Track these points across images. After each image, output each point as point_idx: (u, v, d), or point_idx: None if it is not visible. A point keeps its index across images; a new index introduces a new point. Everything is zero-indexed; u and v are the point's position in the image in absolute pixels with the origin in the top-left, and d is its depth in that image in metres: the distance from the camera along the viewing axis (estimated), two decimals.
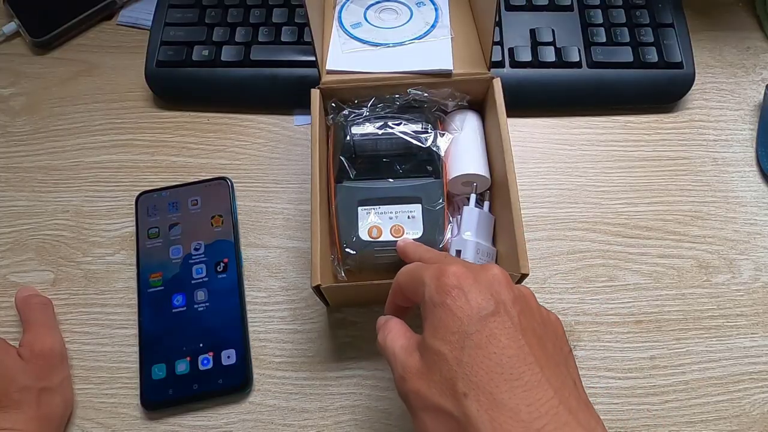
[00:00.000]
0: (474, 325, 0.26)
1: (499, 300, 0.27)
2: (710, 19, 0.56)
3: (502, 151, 0.40)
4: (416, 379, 0.27)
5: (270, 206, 0.48)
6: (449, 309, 0.27)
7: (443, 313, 0.27)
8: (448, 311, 0.26)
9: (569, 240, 0.47)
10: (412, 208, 0.42)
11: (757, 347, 0.43)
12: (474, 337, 0.26)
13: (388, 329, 0.31)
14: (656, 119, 0.52)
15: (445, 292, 0.27)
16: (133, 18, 0.57)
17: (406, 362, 0.28)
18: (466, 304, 0.26)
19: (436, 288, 0.28)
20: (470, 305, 0.26)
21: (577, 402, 0.25)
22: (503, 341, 0.25)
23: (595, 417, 0.26)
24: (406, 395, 0.28)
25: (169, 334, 0.43)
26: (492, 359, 0.25)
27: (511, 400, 0.24)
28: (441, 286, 0.27)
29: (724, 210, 0.48)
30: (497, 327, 0.26)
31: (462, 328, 0.26)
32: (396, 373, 0.28)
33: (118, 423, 0.41)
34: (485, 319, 0.26)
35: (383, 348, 0.30)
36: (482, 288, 0.27)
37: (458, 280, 0.27)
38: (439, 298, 0.27)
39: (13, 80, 0.54)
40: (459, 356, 0.25)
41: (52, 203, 0.49)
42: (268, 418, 0.41)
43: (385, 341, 0.30)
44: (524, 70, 0.51)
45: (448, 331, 0.26)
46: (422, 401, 0.27)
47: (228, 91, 0.51)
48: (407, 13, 0.49)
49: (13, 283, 0.46)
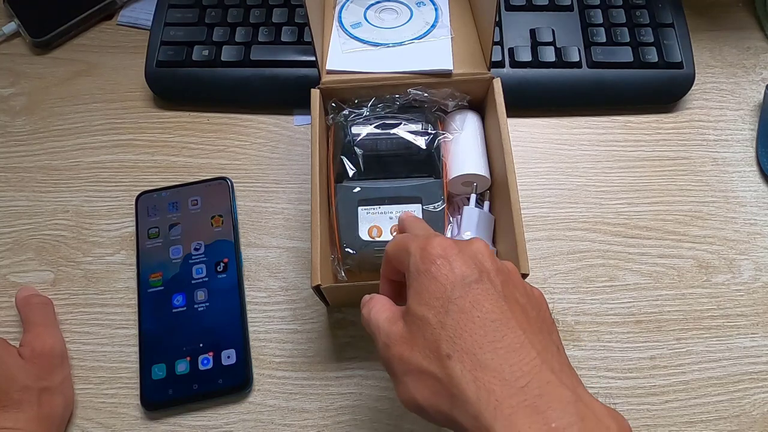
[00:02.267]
0: (458, 291, 0.26)
1: (482, 269, 0.27)
2: (710, 19, 0.56)
3: (502, 151, 0.40)
4: (400, 344, 0.27)
5: (270, 206, 0.48)
6: (433, 276, 0.27)
7: (427, 280, 0.27)
8: (432, 278, 0.27)
9: (569, 240, 0.47)
10: (412, 208, 0.42)
11: (757, 347, 0.43)
12: (458, 301, 0.26)
13: (372, 304, 0.31)
14: (656, 119, 0.52)
15: (430, 260, 0.27)
16: (133, 18, 0.57)
17: (389, 330, 0.28)
18: (451, 271, 0.27)
19: (421, 257, 0.28)
20: (454, 273, 0.27)
21: (559, 365, 0.26)
22: (486, 306, 0.26)
23: (576, 378, 0.26)
24: (389, 361, 0.28)
25: (169, 334, 0.43)
26: (475, 323, 0.25)
27: (494, 360, 0.24)
28: (426, 255, 0.28)
29: (724, 210, 0.48)
30: (481, 293, 0.26)
31: (446, 294, 0.26)
32: (380, 342, 0.29)
33: (118, 423, 0.41)
34: (469, 286, 0.26)
35: (367, 321, 0.31)
36: (466, 258, 0.27)
37: (443, 249, 0.28)
38: (424, 266, 0.27)
39: (13, 80, 0.54)
40: (443, 320, 0.26)
41: (52, 203, 0.49)
42: (268, 418, 0.41)
43: (370, 314, 0.30)
44: (524, 70, 0.51)
45: (432, 297, 0.27)
46: (406, 365, 0.27)
47: (228, 91, 0.51)
48: (407, 13, 0.49)
49: (13, 283, 0.46)
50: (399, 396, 0.28)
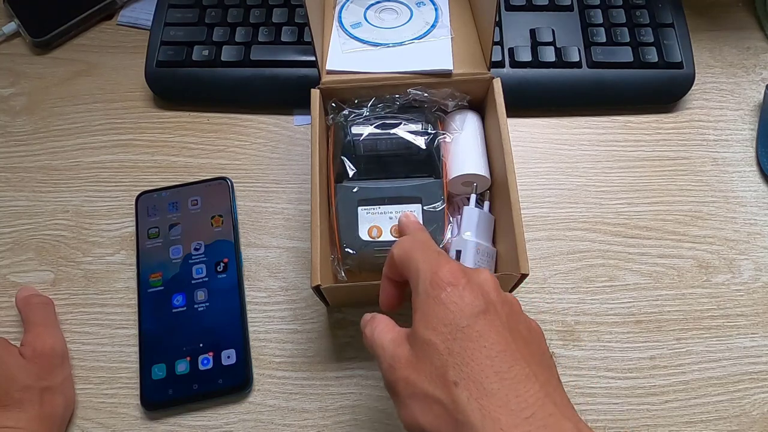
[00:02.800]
0: (466, 320, 0.27)
1: (489, 300, 0.28)
2: (710, 19, 0.56)
3: (502, 151, 0.40)
4: (405, 368, 0.28)
5: (270, 206, 0.48)
6: (442, 302, 0.27)
7: (436, 305, 0.27)
8: (442, 304, 0.27)
9: (569, 240, 0.47)
10: (412, 208, 0.42)
11: (757, 347, 0.43)
12: (465, 330, 0.26)
13: (376, 323, 0.31)
14: (656, 119, 0.52)
15: (440, 287, 0.28)
16: (133, 18, 0.57)
17: (394, 352, 0.29)
18: (460, 299, 0.27)
19: (431, 281, 0.28)
20: (463, 301, 0.27)
21: (561, 398, 0.26)
22: (493, 337, 0.26)
23: (576, 413, 0.27)
24: (394, 383, 0.28)
25: (169, 334, 0.43)
26: (482, 352, 0.26)
27: (500, 390, 0.25)
28: (436, 280, 0.28)
29: (724, 210, 0.48)
30: (487, 324, 0.27)
31: (454, 321, 0.27)
32: (384, 364, 0.29)
33: (118, 423, 0.41)
34: (476, 316, 0.27)
35: (371, 341, 0.31)
36: (474, 288, 0.28)
37: (453, 277, 0.28)
38: (434, 292, 0.28)
39: (13, 80, 0.54)
40: (450, 347, 0.26)
41: (52, 203, 0.49)
42: (268, 418, 0.41)
43: (374, 335, 0.31)
44: (524, 70, 0.51)
45: (440, 323, 0.27)
46: (411, 388, 0.27)
47: (228, 91, 0.51)
48: (407, 13, 0.49)
49: (13, 283, 0.46)
50: (402, 418, 0.28)
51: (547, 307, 0.45)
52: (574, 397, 0.41)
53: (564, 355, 0.43)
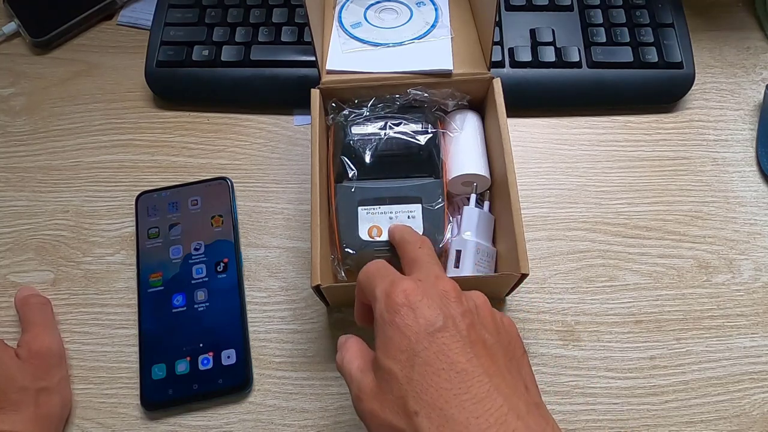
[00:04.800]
0: (422, 342, 0.26)
1: (447, 314, 0.27)
2: (710, 19, 0.56)
3: (502, 151, 0.40)
4: (371, 399, 0.28)
5: (270, 206, 0.48)
6: (398, 327, 0.27)
7: (392, 331, 0.27)
8: (397, 330, 0.27)
9: (569, 240, 0.47)
10: (412, 208, 0.42)
11: (757, 347, 0.43)
12: (422, 354, 0.26)
13: (345, 349, 0.31)
14: (656, 119, 0.52)
15: (394, 310, 0.27)
16: (133, 18, 0.57)
17: (361, 382, 0.29)
18: (414, 321, 0.27)
19: (386, 305, 0.28)
20: (418, 322, 0.27)
21: (526, 406, 0.26)
22: (451, 356, 0.26)
23: (545, 417, 0.26)
24: (362, 414, 0.28)
25: (169, 334, 0.43)
26: (441, 375, 0.25)
27: (460, 414, 0.25)
28: (390, 304, 0.28)
29: (724, 210, 0.48)
30: (445, 342, 0.26)
31: (410, 347, 0.26)
32: (353, 393, 0.29)
33: (118, 423, 0.41)
34: (433, 336, 0.26)
35: (341, 368, 0.31)
36: (431, 303, 0.27)
37: (407, 297, 0.28)
38: (389, 317, 0.28)
39: (13, 80, 0.54)
40: (409, 374, 0.26)
41: (52, 203, 0.49)
42: (268, 418, 0.41)
43: (343, 361, 0.31)
44: (524, 70, 0.51)
45: (397, 350, 0.27)
46: (377, 420, 0.27)
47: (228, 91, 0.51)
48: (407, 13, 0.49)
49: (13, 283, 0.46)
50: None
51: (547, 307, 0.45)
52: (574, 397, 0.41)
53: (564, 355, 0.43)
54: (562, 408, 0.41)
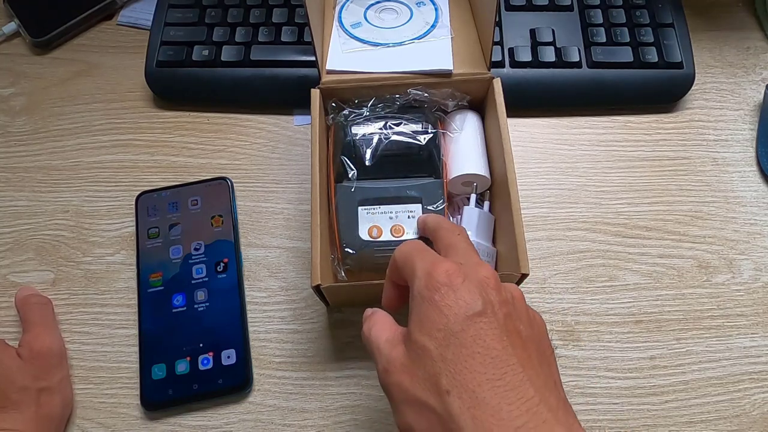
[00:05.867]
0: (460, 324, 0.26)
1: (487, 300, 0.27)
2: (710, 19, 0.56)
3: (502, 151, 0.40)
4: (400, 372, 0.27)
5: (270, 206, 0.48)
6: (437, 305, 0.27)
7: (430, 308, 0.27)
8: (436, 308, 0.27)
9: (569, 240, 0.47)
10: (412, 208, 0.42)
11: (757, 347, 0.43)
12: (459, 335, 0.26)
13: (373, 321, 0.31)
14: (656, 119, 0.52)
15: (434, 288, 0.27)
16: (133, 18, 0.57)
17: (390, 355, 0.28)
18: (454, 302, 0.27)
19: (426, 283, 0.28)
20: (458, 303, 0.27)
21: (556, 401, 0.26)
22: (487, 341, 0.26)
23: (572, 415, 0.26)
24: (388, 387, 0.28)
25: (169, 334, 0.43)
26: (476, 359, 0.25)
27: (493, 399, 0.24)
28: (431, 282, 0.27)
29: (724, 210, 0.48)
30: (483, 327, 0.26)
31: (448, 326, 0.26)
32: (380, 366, 0.29)
33: (118, 423, 0.41)
34: (471, 319, 0.26)
35: (367, 340, 0.30)
36: (472, 287, 0.27)
37: (448, 277, 0.27)
38: (428, 294, 0.27)
39: (13, 80, 0.54)
40: (444, 353, 0.26)
41: (52, 203, 0.49)
42: (268, 418, 0.41)
43: (370, 333, 0.30)
44: (524, 70, 0.51)
45: (434, 327, 0.26)
46: (405, 394, 0.27)
47: (228, 91, 0.51)
48: (407, 13, 0.49)
49: (13, 283, 0.46)
50: (396, 422, 0.28)
51: (547, 307, 0.45)
52: (574, 397, 0.41)
53: (564, 355, 0.43)
54: None
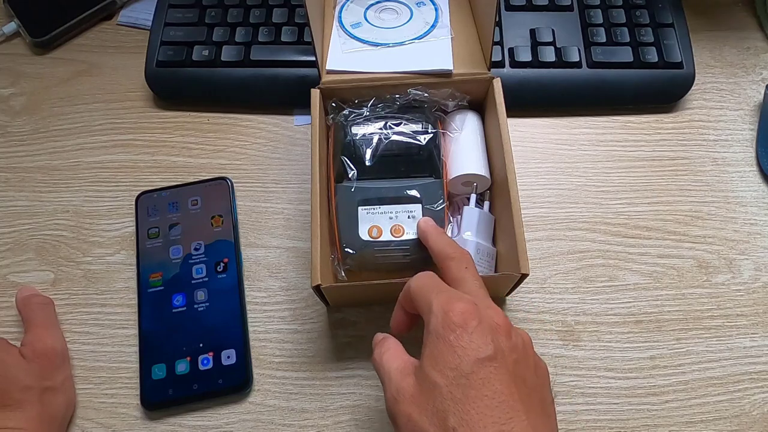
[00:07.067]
0: (471, 366, 0.27)
1: (498, 346, 0.28)
2: (710, 19, 0.56)
3: (502, 151, 0.40)
4: (409, 403, 0.28)
5: (270, 206, 0.48)
6: (450, 345, 0.28)
7: (445, 347, 0.28)
8: (450, 347, 0.28)
9: (569, 240, 0.47)
10: (412, 208, 0.42)
11: (757, 347, 0.43)
12: (470, 377, 0.27)
13: (385, 348, 0.32)
14: (656, 119, 0.52)
15: (450, 328, 0.28)
16: (133, 18, 0.57)
17: (400, 384, 0.29)
18: (468, 344, 0.28)
19: (442, 321, 0.29)
20: (470, 346, 0.28)
21: None
22: (496, 386, 0.27)
23: None
24: (396, 416, 0.29)
25: (169, 334, 0.43)
26: (484, 401, 0.26)
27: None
28: (447, 321, 0.28)
29: (724, 210, 0.48)
30: (492, 372, 0.27)
31: (460, 366, 0.27)
32: (389, 393, 0.30)
33: (118, 423, 0.41)
34: (482, 362, 0.27)
35: (378, 366, 0.31)
36: (485, 331, 0.28)
37: (464, 319, 0.28)
38: (443, 332, 0.28)
39: (13, 80, 0.54)
40: (453, 392, 0.27)
41: (52, 203, 0.49)
42: (268, 418, 0.41)
43: (381, 359, 0.31)
44: (524, 70, 0.51)
45: (446, 366, 0.28)
46: (412, 426, 0.28)
47: (228, 91, 0.51)
48: (407, 13, 0.49)
49: (13, 283, 0.46)
50: None
51: (547, 307, 0.45)
52: (574, 397, 0.41)
53: (564, 355, 0.43)
54: (562, 408, 0.41)
